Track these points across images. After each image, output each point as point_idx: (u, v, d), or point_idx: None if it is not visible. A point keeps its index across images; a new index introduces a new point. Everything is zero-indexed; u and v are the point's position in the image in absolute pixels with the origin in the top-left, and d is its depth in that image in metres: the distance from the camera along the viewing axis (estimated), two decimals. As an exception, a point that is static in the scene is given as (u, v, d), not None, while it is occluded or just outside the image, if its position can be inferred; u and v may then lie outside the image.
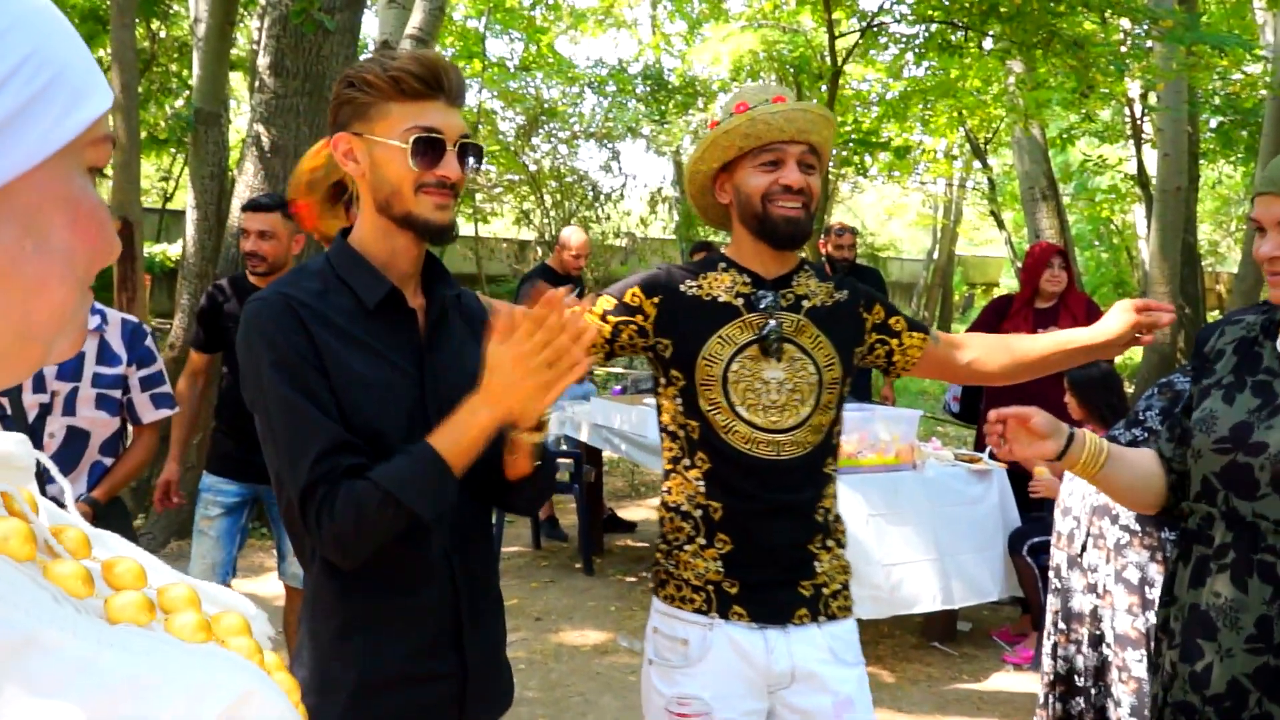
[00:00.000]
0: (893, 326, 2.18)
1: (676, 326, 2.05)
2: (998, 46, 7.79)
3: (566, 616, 5.04)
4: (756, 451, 2.01)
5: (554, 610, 5.13)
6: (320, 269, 1.59)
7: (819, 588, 2.05)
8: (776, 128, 1.98)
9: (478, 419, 1.45)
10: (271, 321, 1.49)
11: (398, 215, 1.55)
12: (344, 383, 1.50)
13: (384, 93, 1.52)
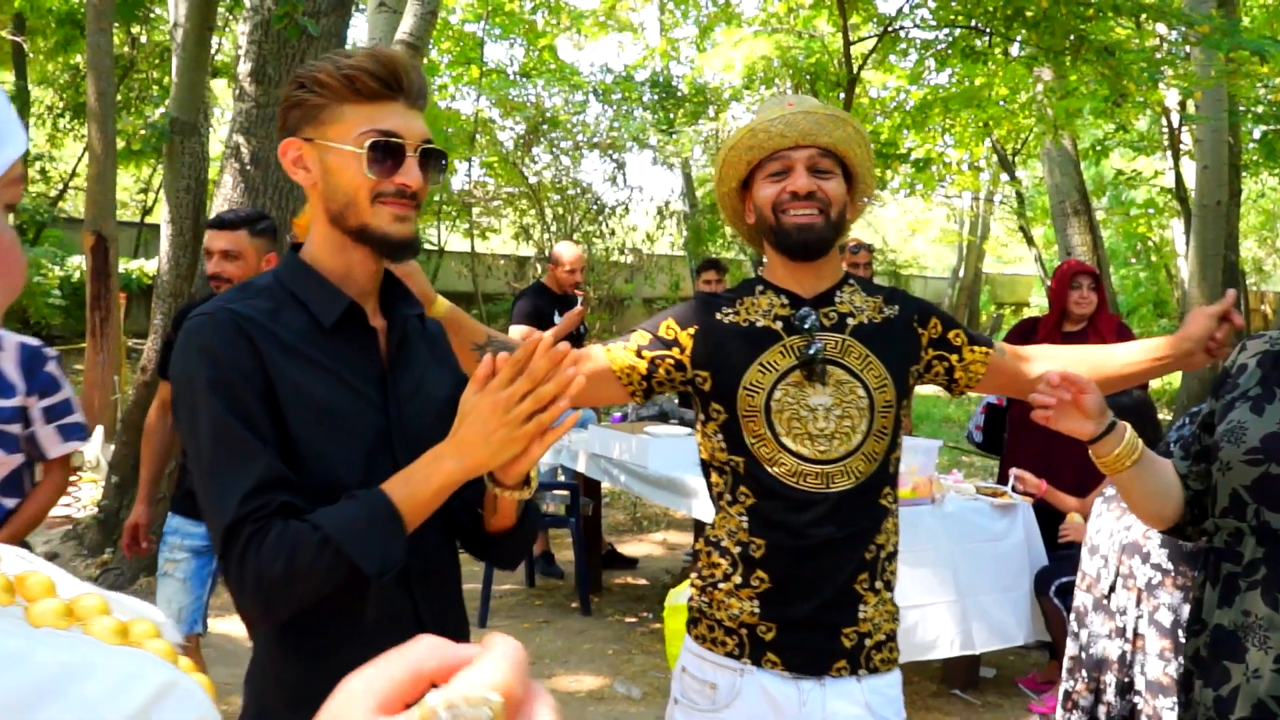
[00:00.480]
0: (952, 341, 2.13)
1: (714, 357, 2.05)
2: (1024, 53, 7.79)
3: (561, 660, 5.00)
4: (804, 485, 1.99)
5: (547, 653, 5.09)
6: (269, 285, 1.52)
7: (862, 637, 2.01)
8: (778, 134, 1.98)
9: (442, 470, 1.38)
10: (214, 337, 1.41)
11: (353, 228, 1.49)
12: (299, 408, 1.43)
13: (337, 93, 1.46)
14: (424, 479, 1.39)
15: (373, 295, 1.58)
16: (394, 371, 1.56)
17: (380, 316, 1.59)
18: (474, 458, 1.37)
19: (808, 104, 2.04)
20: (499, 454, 1.37)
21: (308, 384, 1.45)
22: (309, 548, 1.33)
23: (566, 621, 5.58)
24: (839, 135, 2.01)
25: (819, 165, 2.00)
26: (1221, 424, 1.89)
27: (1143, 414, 4.38)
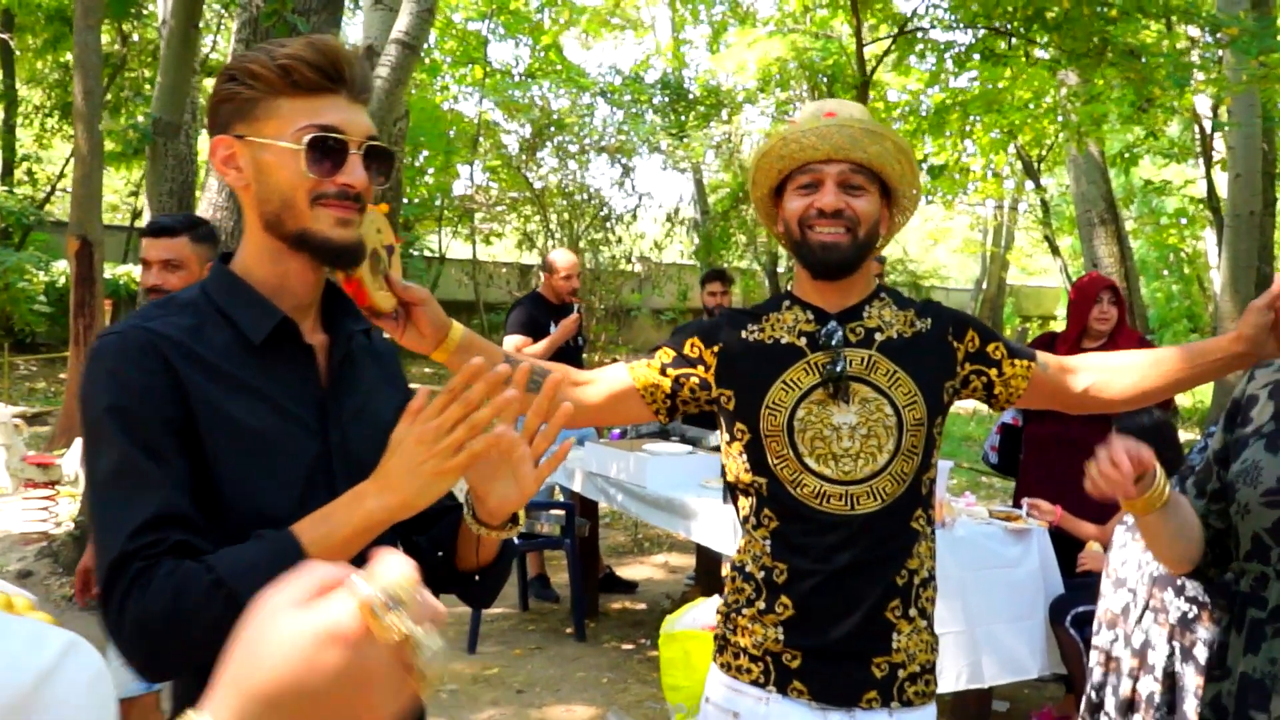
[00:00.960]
0: (991, 354, 2.10)
1: (738, 376, 2.06)
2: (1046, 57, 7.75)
3: (553, 689, 4.97)
4: (827, 507, 1.98)
5: (538, 681, 5.05)
6: (193, 300, 1.44)
7: (895, 667, 1.98)
8: (810, 146, 1.96)
9: (363, 510, 1.29)
10: (122, 358, 1.33)
11: (290, 233, 1.41)
12: (222, 435, 1.34)
13: (272, 86, 1.39)
14: (342, 520, 1.29)
15: (312, 309, 1.50)
16: (335, 393, 1.48)
17: (320, 332, 1.52)
18: (398, 495, 1.28)
19: (847, 113, 2.01)
20: (427, 490, 1.29)
21: (233, 409, 1.36)
22: (198, 590, 1.23)
23: (560, 648, 5.54)
24: (875, 150, 1.97)
25: (851, 181, 1.98)
26: (1235, 462, 1.86)
27: (1163, 437, 4.32)
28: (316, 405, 1.45)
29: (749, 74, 16.55)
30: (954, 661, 4.18)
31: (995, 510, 4.77)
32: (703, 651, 4.12)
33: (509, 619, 6.04)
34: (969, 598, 4.27)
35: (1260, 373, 1.94)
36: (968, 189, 15.61)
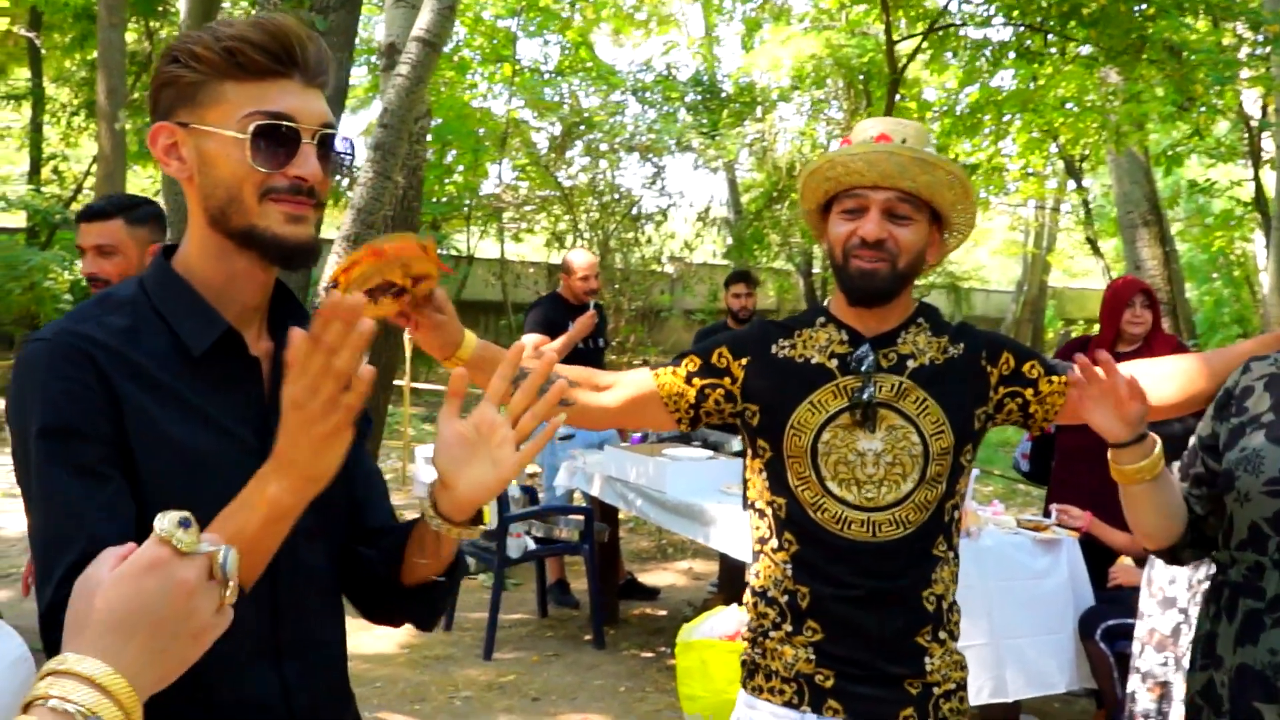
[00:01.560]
0: (1027, 374, 2.08)
1: (765, 391, 2.06)
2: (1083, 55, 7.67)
3: (569, 697, 4.96)
4: (848, 533, 1.98)
5: (554, 689, 5.05)
6: (131, 298, 1.34)
7: (929, 686, 2.00)
8: (856, 171, 1.95)
9: (265, 495, 1.17)
10: (52, 369, 1.24)
11: (236, 230, 1.32)
12: (156, 454, 1.26)
13: (216, 69, 1.29)
14: (245, 516, 1.18)
15: (259, 313, 1.41)
16: (279, 408, 1.29)
17: (267, 338, 1.42)
18: (296, 469, 1.16)
19: (901, 136, 1.97)
20: (321, 457, 1.16)
21: (168, 425, 1.27)
22: None
23: (578, 655, 5.54)
24: (924, 180, 1.95)
25: (897, 210, 1.96)
26: (1232, 450, 1.89)
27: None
28: (258, 423, 1.35)
29: (783, 71, 16.50)
30: (976, 675, 4.13)
31: (1024, 520, 4.72)
32: (720, 661, 4.10)
33: (528, 625, 6.05)
34: (994, 610, 4.22)
35: (1256, 365, 1.98)
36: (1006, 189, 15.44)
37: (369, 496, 1.55)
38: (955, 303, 22.02)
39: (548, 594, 6.27)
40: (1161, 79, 7.28)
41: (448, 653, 5.49)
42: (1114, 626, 4.31)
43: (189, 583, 0.90)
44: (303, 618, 1.38)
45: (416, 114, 7.42)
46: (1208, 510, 1.99)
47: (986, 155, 11.79)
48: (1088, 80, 9.08)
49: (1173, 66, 6.72)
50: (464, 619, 5.91)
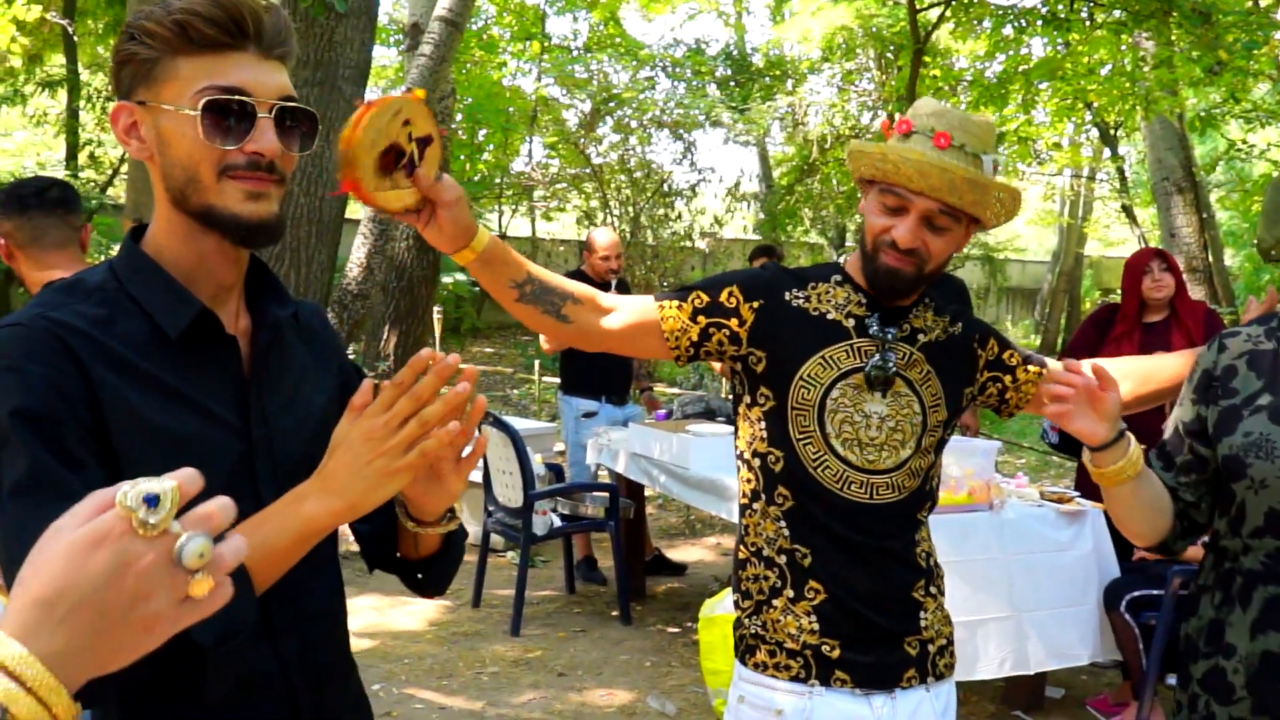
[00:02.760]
0: (1006, 361, 2.16)
1: (775, 339, 2.04)
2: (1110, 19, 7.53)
3: (594, 672, 4.99)
4: (848, 492, 2.01)
5: (581, 664, 5.08)
6: (102, 283, 1.32)
7: (925, 644, 2.06)
8: (905, 176, 1.92)
9: (303, 514, 1.20)
10: (27, 354, 1.21)
11: (196, 209, 1.29)
12: (135, 438, 1.24)
13: (169, 44, 1.26)
14: (279, 527, 1.21)
15: (234, 291, 1.39)
16: (258, 386, 1.37)
17: (244, 315, 1.41)
18: (343, 497, 1.20)
19: (962, 139, 1.93)
20: (374, 492, 1.20)
21: (147, 409, 1.25)
22: None
23: (605, 630, 5.57)
24: (971, 199, 1.93)
25: (936, 220, 1.95)
26: (1232, 435, 1.86)
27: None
28: (237, 401, 1.35)
29: (813, 43, 16.36)
30: (998, 647, 4.13)
31: (1047, 491, 4.69)
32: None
33: (555, 601, 6.09)
34: (1015, 582, 4.21)
35: (1230, 342, 1.94)
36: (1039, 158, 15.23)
37: None
38: (990, 274, 21.81)
39: (575, 570, 6.30)
40: (1191, 43, 7.14)
41: (475, 629, 5.54)
42: (1139, 598, 4.28)
43: (142, 565, 0.76)
44: (295, 595, 1.36)
45: (440, 93, 7.45)
46: (1198, 497, 1.96)
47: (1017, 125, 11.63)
48: (1117, 46, 8.94)
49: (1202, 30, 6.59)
50: (491, 595, 5.95)
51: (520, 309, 1.98)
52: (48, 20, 14.22)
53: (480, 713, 4.50)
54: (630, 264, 14.48)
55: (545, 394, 12.28)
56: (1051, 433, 5.43)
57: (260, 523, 1.21)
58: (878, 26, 14.54)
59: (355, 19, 5.81)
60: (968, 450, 4.41)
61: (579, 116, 16.41)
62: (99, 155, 16.17)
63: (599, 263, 6.03)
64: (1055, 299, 22.82)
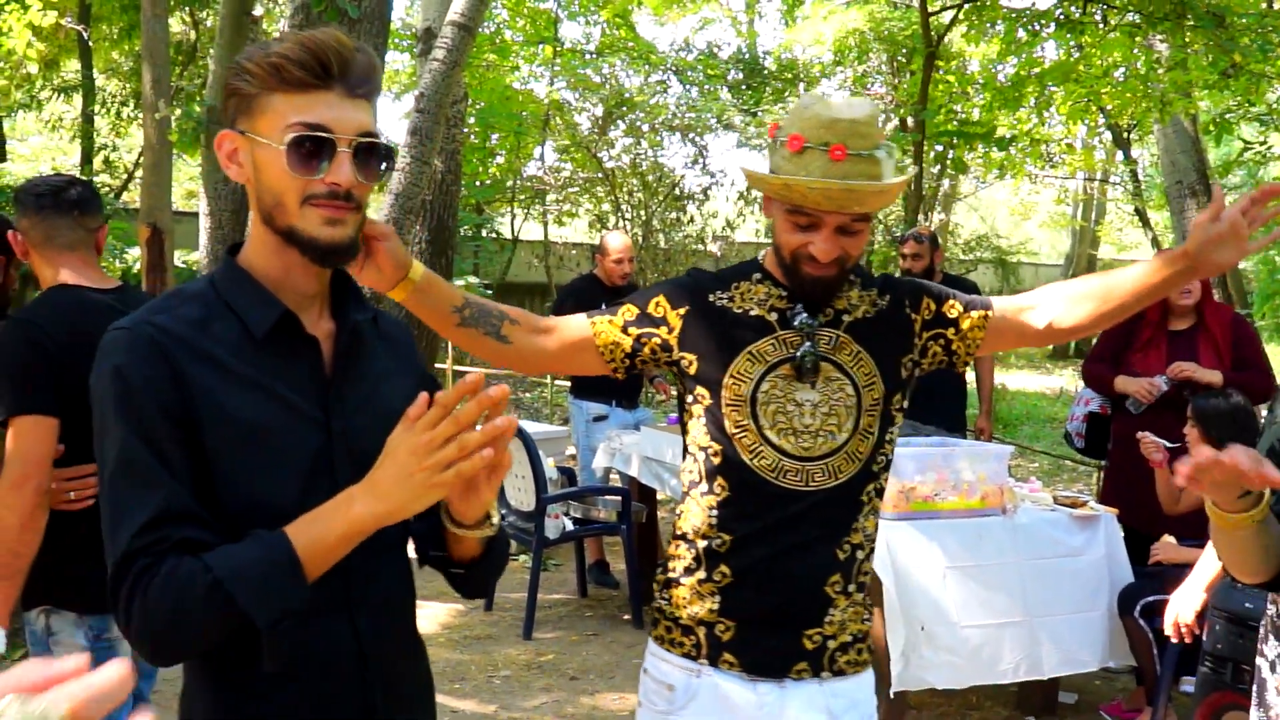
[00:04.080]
0: (947, 314, 2.15)
1: (703, 340, 2.11)
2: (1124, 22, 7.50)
3: (606, 675, 4.99)
4: (783, 481, 2.04)
5: (593, 668, 5.08)
6: (201, 292, 1.49)
7: (826, 639, 2.07)
8: (814, 202, 1.96)
9: (351, 513, 1.34)
10: (129, 353, 1.38)
11: (281, 229, 1.46)
12: (223, 429, 1.39)
13: (265, 82, 1.42)
14: (328, 522, 1.35)
15: (317, 299, 1.54)
16: (338, 383, 1.51)
17: (328, 320, 1.55)
18: (387, 503, 1.32)
19: (857, 146, 1.92)
20: (415, 501, 1.33)
21: (234, 402, 1.41)
22: (198, 591, 1.30)
23: (617, 634, 5.56)
24: (878, 204, 1.99)
25: (850, 227, 2.01)
26: None
27: (1239, 421, 4.19)
28: (320, 396, 1.49)
29: (825, 46, 16.32)
30: (1011, 652, 4.12)
31: (1060, 496, 4.67)
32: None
33: (568, 605, 6.08)
34: (1029, 587, 4.20)
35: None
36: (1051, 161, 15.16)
37: None
38: (1003, 277, 21.78)
39: (587, 574, 6.30)
40: (1205, 46, 7.10)
41: (488, 632, 5.54)
42: (1153, 603, 4.25)
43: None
44: (373, 579, 1.51)
45: (453, 98, 7.45)
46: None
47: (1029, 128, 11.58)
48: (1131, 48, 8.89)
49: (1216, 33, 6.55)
50: (504, 599, 5.95)
51: (461, 333, 2.06)
52: (63, 26, 14.29)
53: (493, 716, 4.50)
54: (642, 267, 14.49)
55: (557, 397, 12.29)
56: (1077, 439, 5.40)
57: (315, 519, 1.35)
58: (890, 30, 14.51)
59: (368, 24, 5.80)
60: (981, 455, 4.39)
61: (591, 120, 16.45)
62: (113, 160, 16.25)
63: (612, 266, 6.03)
64: (1068, 302, 22.70)
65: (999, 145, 9.78)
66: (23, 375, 2.57)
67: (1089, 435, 5.27)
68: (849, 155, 1.92)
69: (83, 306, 2.67)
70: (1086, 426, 5.26)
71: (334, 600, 1.46)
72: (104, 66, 16.05)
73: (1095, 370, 5.00)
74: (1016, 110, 10.33)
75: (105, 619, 2.73)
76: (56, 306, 2.67)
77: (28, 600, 2.73)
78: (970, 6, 8.56)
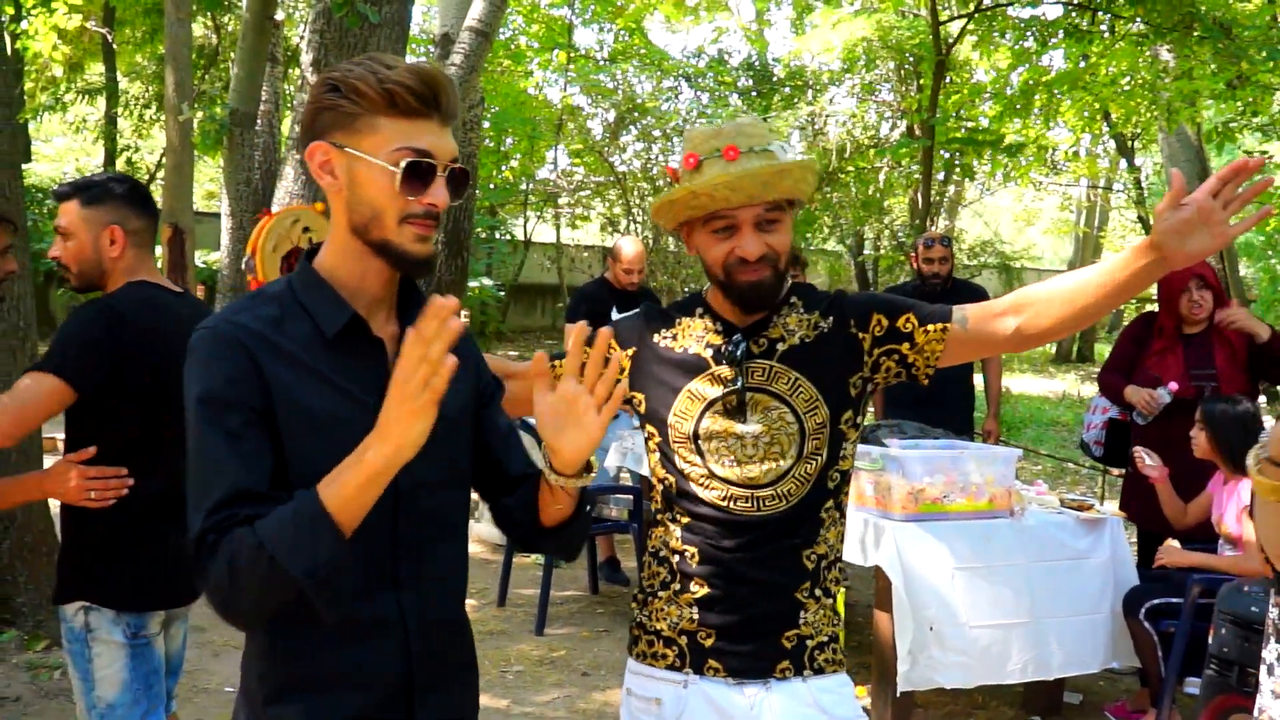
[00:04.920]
0: (901, 329, 2.06)
1: (648, 381, 2.12)
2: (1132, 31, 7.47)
3: (617, 671, 4.97)
4: (735, 508, 2.05)
5: (604, 664, 5.07)
6: (279, 293, 1.58)
7: (804, 639, 2.07)
8: (721, 199, 1.96)
9: (364, 461, 1.39)
10: (209, 352, 1.49)
11: (374, 241, 1.54)
12: (295, 420, 1.49)
13: (375, 105, 1.50)
14: (349, 475, 1.40)
15: (386, 303, 1.63)
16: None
17: (393, 323, 1.64)
18: (390, 441, 1.38)
19: (748, 142, 1.96)
20: (409, 430, 1.37)
21: (306, 396, 1.50)
22: (246, 554, 1.38)
23: (627, 631, 5.53)
24: (786, 186, 1.97)
25: (766, 219, 1.99)
26: None
27: (1248, 427, 4.17)
28: (383, 393, 1.51)
29: (834, 55, 16.31)
30: (1019, 653, 4.10)
31: (1067, 499, 4.65)
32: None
33: (579, 601, 6.07)
34: (1036, 589, 4.17)
35: None
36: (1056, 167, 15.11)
37: (506, 450, 1.78)
38: (1007, 282, 21.69)
39: (598, 571, 6.29)
40: (1212, 56, 7.07)
41: (500, 628, 5.53)
42: (1159, 606, 4.24)
43: None
44: (420, 556, 1.58)
45: (470, 102, 7.45)
46: None
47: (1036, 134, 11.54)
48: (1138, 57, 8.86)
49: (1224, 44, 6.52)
50: (516, 595, 5.95)
51: None
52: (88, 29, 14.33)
53: (505, 711, 4.49)
54: (653, 270, 14.48)
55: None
56: (1096, 447, 5.36)
57: (337, 473, 1.41)
58: (897, 39, 14.49)
59: (389, 29, 5.80)
60: (989, 458, 4.37)
61: (604, 125, 16.45)
62: (136, 161, 16.29)
63: (621, 274, 6.03)
64: (1071, 307, 22.62)
65: (1008, 153, 9.74)
66: (81, 348, 2.57)
67: (1108, 442, 5.24)
68: (742, 153, 1.95)
69: (160, 305, 2.70)
70: (1106, 434, 5.24)
71: (382, 576, 1.55)
72: (127, 69, 16.09)
73: (1108, 379, 4.98)
74: (1026, 117, 10.29)
75: (142, 617, 2.72)
76: (143, 301, 2.68)
77: (63, 595, 2.72)
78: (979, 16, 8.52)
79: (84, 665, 2.71)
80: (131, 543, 2.67)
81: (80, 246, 2.72)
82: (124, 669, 2.70)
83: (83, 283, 2.77)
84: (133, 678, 2.71)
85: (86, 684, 2.71)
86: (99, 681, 2.70)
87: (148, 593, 2.73)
